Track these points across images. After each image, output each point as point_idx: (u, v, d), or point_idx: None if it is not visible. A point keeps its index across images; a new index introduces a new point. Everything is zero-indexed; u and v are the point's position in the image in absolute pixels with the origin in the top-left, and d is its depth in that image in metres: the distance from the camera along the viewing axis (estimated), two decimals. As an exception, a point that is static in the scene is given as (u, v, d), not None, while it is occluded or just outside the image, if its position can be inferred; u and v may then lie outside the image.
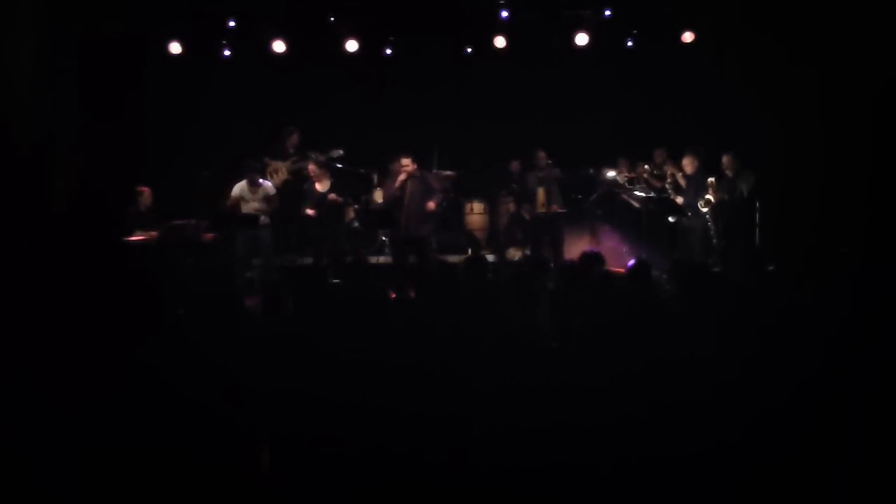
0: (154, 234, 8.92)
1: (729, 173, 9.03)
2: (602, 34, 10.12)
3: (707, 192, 8.97)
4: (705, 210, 8.98)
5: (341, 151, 9.72)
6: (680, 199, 9.16)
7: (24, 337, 4.14)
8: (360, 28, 10.26)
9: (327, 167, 9.42)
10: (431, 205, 8.73)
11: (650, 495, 2.79)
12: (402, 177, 8.75)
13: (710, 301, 4.86)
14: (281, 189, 9.67)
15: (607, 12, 9.81)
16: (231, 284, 5.31)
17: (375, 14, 10.07)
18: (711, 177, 9.04)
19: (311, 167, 9.32)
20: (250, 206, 9.22)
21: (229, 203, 9.18)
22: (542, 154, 9.60)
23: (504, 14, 9.91)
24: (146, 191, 9.23)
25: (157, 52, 10.09)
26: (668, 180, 9.46)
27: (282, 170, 9.89)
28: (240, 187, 9.26)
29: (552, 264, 9.09)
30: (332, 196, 9.21)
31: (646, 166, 9.79)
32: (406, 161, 8.74)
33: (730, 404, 3.23)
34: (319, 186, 9.29)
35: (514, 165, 10.61)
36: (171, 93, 10.13)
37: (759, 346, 3.91)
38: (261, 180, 9.34)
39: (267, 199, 9.28)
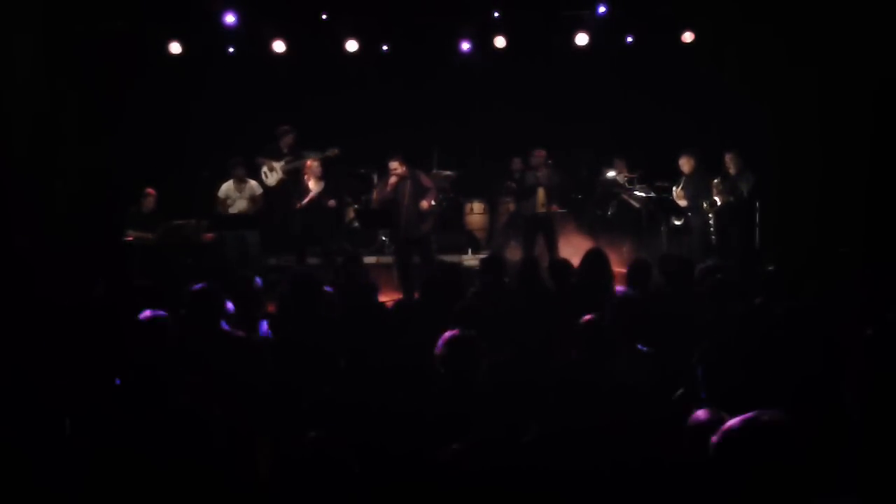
0: (150, 235, 8.91)
1: (732, 171, 9.03)
2: (602, 34, 10.12)
3: (713, 193, 8.99)
4: (710, 213, 9.01)
5: (337, 150, 9.71)
6: (684, 203, 9.14)
7: (23, 337, 4.14)
8: (358, 27, 10.26)
9: (324, 168, 9.43)
10: (425, 204, 8.70)
11: (650, 496, 2.79)
12: (392, 180, 8.73)
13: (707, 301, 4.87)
14: (277, 188, 9.66)
15: (602, 9, 9.81)
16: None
17: (374, 13, 10.07)
18: (713, 177, 9.06)
19: (310, 163, 9.32)
20: (237, 206, 9.24)
21: (218, 205, 9.22)
22: (540, 153, 9.52)
23: (496, 14, 9.95)
24: (152, 193, 9.20)
25: (157, 52, 10.08)
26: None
27: (277, 169, 9.90)
28: (226, 187, 9.27)
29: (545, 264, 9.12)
30: (332, 203, 9.25)
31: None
32: (394, 164, 8.70)
33: (729, 405, 3.23)
34: (313, 185, 9.26)
35: (516, 162, 10.61)
36: (171, 93, 10.13)
37: (757, 346, 3.91)
38: (248, 179, 9.36)
39: (253, 198, 9.29)
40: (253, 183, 9.38)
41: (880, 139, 7.96)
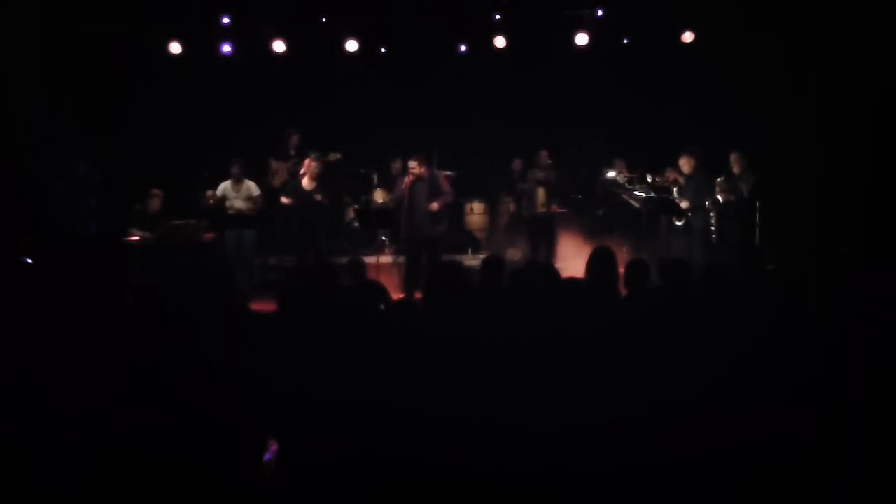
0: (151, 236, 8.90)
1: (736, 170, 9.04)
2: (602, 34, 10.13)
3: (716, 192, 8.99)
4: (712, 211, 9.01)
5: (340, 155, 9.72)
6: (685, 204, 9.14)
7: (24, 337, 4.13)
8: (359, 28, 10.26)
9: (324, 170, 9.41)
10: (434, 206, 8.69)
11: (650, 496, 2.80)
12: (407, 179, 8.70)
13: (708, 300, 4.87)
14: (280, 190, 9.67)
15: (599, 12, 9.83)
16: (232, 284, 5.29)
17: (374, 14, 10.08)
18: (714, 176, 9.07)
19: (309, 161, 9.27)
20: (233, 205, 9.23)
21: (210, 201, 9.17)
22: (544, 153, 9.59)
23: (496, 16, 9.99)
24: (159, 194, 9.17)
25: (157, 52, 10.08)
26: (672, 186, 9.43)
27: (282, 171, 9.89)
28: (223, 186, 9.28)
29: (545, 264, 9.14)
30: (318, 197, 9.16)
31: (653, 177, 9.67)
32: (413, 163, 8.68)
33: (728, 406, 3.23)
34: (307, 183, 9.23)
35: (517, 163, 10.61)
36: (170, 93, 10.13)
37: (758, 346, 3.91)
38: (245, 180, 9.35)
39: (251, 198, 9.28)
40: (251, 184, 9.38)
41: (880, 139, 7.95)
